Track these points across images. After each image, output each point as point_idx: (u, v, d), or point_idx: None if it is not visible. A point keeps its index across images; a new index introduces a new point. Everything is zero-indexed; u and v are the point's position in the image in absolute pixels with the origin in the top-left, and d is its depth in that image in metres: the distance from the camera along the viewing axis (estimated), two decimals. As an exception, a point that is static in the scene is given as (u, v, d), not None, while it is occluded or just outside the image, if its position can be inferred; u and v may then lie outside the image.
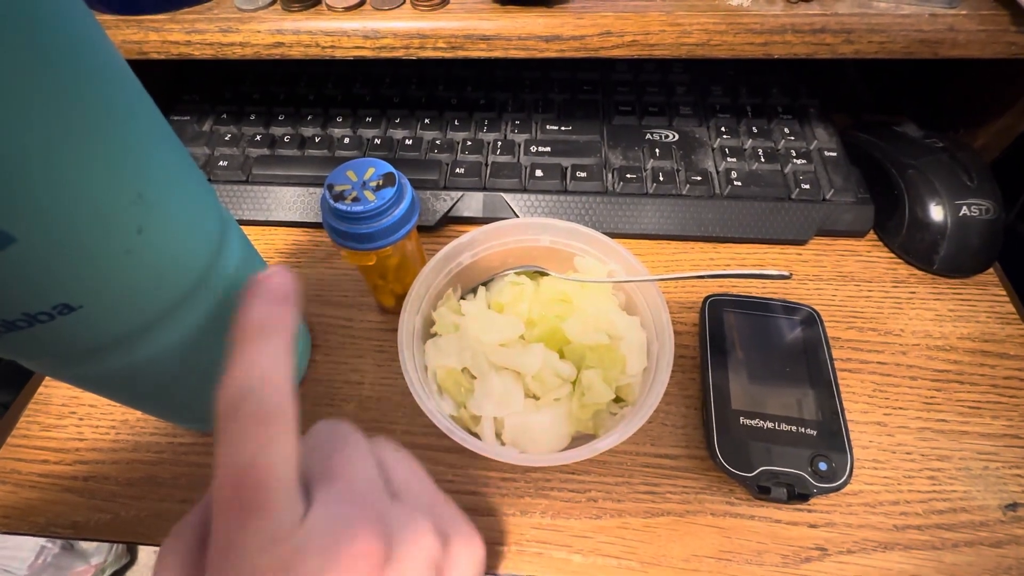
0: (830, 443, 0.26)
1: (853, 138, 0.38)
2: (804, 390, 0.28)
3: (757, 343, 0.30)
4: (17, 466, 0.29)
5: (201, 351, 0.22)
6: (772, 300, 0.31)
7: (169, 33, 0.33)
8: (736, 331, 0.30)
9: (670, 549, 0.26)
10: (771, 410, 0.27)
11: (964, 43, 0.30)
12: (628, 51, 0.31)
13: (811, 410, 0.27)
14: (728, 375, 0.29)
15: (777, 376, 0.29)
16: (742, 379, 0.29)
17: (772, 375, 0.29)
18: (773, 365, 0.29)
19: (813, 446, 0.26)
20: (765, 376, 0.29)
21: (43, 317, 0.16)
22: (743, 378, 0.29)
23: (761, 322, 0.31)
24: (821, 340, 0.30)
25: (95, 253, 0.16)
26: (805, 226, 0.35)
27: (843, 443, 0.26)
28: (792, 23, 0.30)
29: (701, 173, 0.37)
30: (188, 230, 0.19)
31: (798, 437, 0.26)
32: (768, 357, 0.29)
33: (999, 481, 0.27)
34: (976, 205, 0.33)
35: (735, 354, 0.29)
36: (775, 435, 0.27)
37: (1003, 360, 0.31)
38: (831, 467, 0.25)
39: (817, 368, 0.29)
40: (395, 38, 0.32)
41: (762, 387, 0.28)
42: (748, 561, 0.26)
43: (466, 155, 0.39)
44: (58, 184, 0.14)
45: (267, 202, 0.38)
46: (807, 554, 0.26)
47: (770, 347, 0.30)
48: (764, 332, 0.30)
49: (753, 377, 0.29)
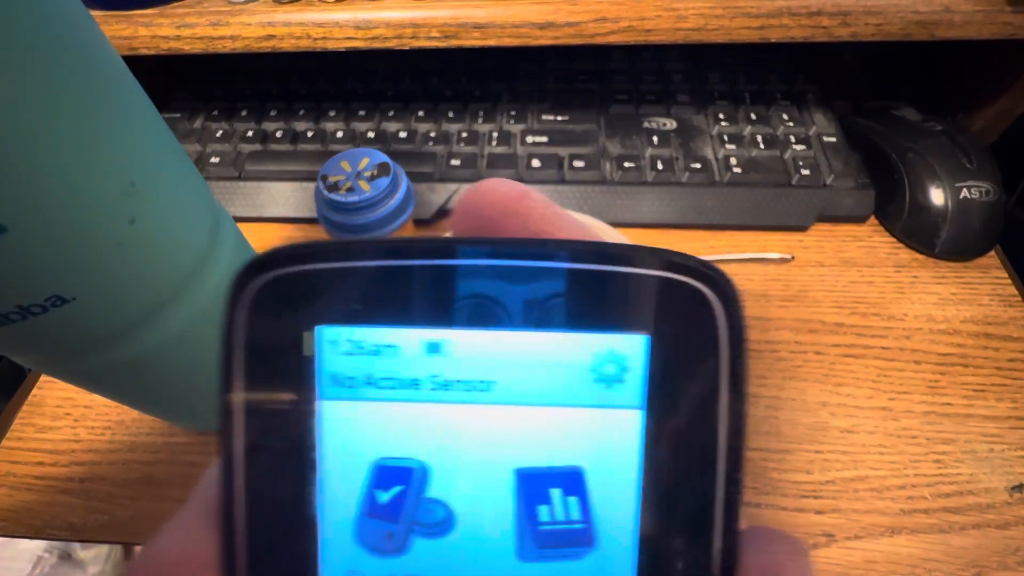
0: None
1: (852, 123, 0.38)
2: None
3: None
4: (12, 468, 0.29)
5: (196, 346, 0.21)
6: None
7: (159, 28, 0.33)
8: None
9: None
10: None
11: (960, 24, 0.30)
12: (624, 37, 0.31)
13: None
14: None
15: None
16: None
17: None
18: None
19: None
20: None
21: (36, 309, 0.16)
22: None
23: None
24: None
25: (88, 244, 0.16)
26: (806, 212, 0.35)
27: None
28: (788, 6, 0.30)
29: (700, 160, 0.36)
30: (181, 221, 0.19)
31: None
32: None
33: (1005, 463, 0.27)
34: (976, 187, 0.32)
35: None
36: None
37: (1006, 342, 0.31)
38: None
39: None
40: (387, 28, 0.32)
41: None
42: (755, 549, 0.25)
43: (462, 147, 0.38)
44: (49, 172, 0.14)
45: (260, 198, 0.38)
46: (814, 540, 0.25)
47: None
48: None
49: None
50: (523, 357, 0.10)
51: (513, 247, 0.10)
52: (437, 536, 0.10)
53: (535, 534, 0.10)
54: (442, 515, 0.10)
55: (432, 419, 0.10)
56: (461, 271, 0.10)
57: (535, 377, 0.10)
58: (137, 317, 0.19)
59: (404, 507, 0.10)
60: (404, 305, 0.10)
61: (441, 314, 0.10)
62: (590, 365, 0.10)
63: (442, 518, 0.10)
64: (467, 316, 0.10)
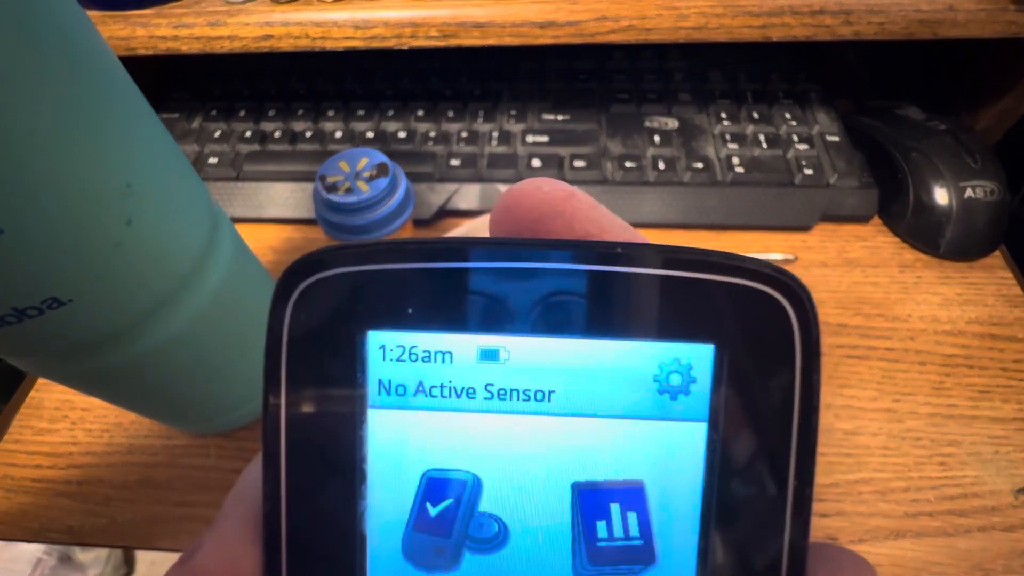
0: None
1: (855, 122, 0.38)
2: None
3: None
4: (10, 471, 0.29)
5: (194, 347, 0.21)
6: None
7: (156, 28, 0.33)
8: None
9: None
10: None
11: (964, 22, 0.30)
12: (624, 36, 0.31)
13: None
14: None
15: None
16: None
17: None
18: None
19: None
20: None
21: (32, 312, 0.16)
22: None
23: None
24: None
25: (84, 245, 0.16)
26: (809, 212, 0.35)
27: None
28: (790, 4, 0.30)
29: (703, 160, 0.36)
30: (179, 222, 0.19)
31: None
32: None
33: (1010, 465, 0.27)
34: (980, 187, 0.32)
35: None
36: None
37: (1012, 343, 0.31)
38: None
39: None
40: (386, 27, 0.31)
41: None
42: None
43: (462, 147, 0.38)
44: (44, 173, 0.14)
45: (259, 199, 0.37)
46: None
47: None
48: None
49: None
50: (583, 366, 0.10)
51: (574, 250, 0.10)
52: (489, 552, 0.10)
53: (592, 551, 0.10)
54: (495, 530, 0.10)
55: (486, 430, 0.10)
56: (519, 274, 0.10)
57: (595, 388, 0.10)
58: (134, 319, 0.19)
59: (455, 521, 0.10)
60: (458, 309, 0.10)
61: (497, 320, 0.10)
62: (653, 375, 0.10)
63: (495, 533, 0.10)
64: (525, 322, 0.10)
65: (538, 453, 0.10)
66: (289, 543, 0.10)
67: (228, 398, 0.26)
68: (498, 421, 0.10)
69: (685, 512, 0.10)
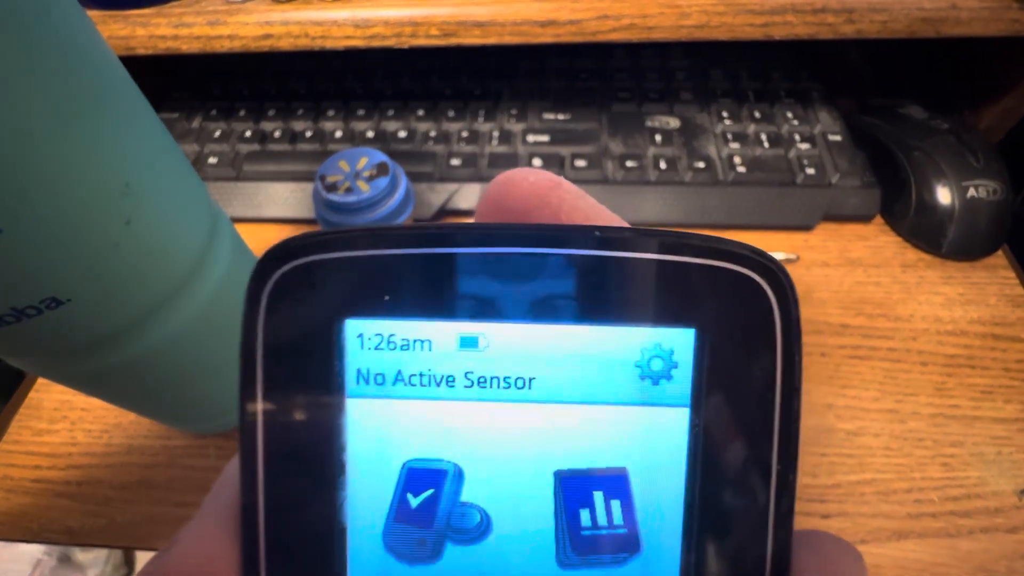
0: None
1: (857, 121, 0.38)
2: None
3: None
4: (9, 472, 0.29)
5: (194, 347, 0.21)
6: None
7: (156, 27, 0.32)
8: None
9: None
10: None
11: (967, 21, 0.30)
12: (626, 35, 0.31)
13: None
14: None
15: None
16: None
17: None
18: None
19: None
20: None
21: (31, 311, 0.16)
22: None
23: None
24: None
25: (83, 245, 0.15)
26: (811, 211, 0.35)
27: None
28: (792, 3, 0.30)
29: (704, 159, 0.36)
30: (178, 222, 0.19)
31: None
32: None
33: (1013, 466, 0.27)
34: (983, 186, 0.32)
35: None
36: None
37: (1014, 343, 0.30)
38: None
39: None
40: (386, 26, 0.31)
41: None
42: (760, 553, 0.25)
43: (462, 146, 0.38)
44: (43, 173, 0.14)
45: (258, 199, 0.37)
46: (820, 545, 0.25)
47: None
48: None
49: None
50: (563, 353, 0.10)
51: (554, 234, 0.10)
52: (472, 543, 0.10)
53: (576, 540, 0.10)
54: (477, 520, 0.10)
55: (467, 418, 0.10)
56: (497, 260, 0.10)
57: (576, 374, 0.10)
58: (134, 319, 0.18)
59: (437, 512, 0.10)
60: (437, 296, 0.10)
61: (476, 306, 0.10)
62: (635, 361, 0.10)
63: (477, 523, 0.10)
64: (504, 309, 0.10)
65: (520, 441, 0.10)
66: (268, 536, 0.10)
67: (227, 398, 0.26)
68: (479, 409, 0.10)
69: (669, 499, 0.10)
